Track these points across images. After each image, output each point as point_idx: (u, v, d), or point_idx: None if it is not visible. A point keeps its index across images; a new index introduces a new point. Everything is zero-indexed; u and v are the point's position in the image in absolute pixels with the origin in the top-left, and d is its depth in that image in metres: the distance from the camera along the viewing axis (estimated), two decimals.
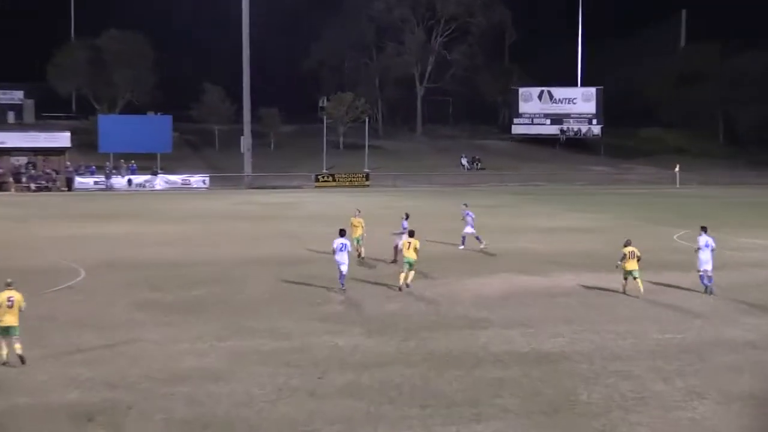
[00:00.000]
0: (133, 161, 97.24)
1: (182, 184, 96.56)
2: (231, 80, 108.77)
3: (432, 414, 20.19)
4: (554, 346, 26.27)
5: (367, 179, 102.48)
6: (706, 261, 34.58)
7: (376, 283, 36.60)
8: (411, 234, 36.38)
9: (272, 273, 38.83)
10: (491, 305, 32.26)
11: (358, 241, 42.90)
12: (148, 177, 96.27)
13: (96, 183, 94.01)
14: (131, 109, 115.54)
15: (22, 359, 23.71)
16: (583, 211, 69.50)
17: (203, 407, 20.48)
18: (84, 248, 47.23)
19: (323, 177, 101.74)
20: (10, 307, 24.07)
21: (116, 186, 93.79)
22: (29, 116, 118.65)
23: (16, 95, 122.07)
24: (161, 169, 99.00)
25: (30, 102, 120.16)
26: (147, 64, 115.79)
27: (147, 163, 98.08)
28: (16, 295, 24.34)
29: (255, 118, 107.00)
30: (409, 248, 35.43)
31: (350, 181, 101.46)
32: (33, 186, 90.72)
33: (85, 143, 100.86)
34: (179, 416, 19.84)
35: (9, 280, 24.78)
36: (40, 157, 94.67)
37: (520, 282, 37.24)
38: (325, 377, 22.92)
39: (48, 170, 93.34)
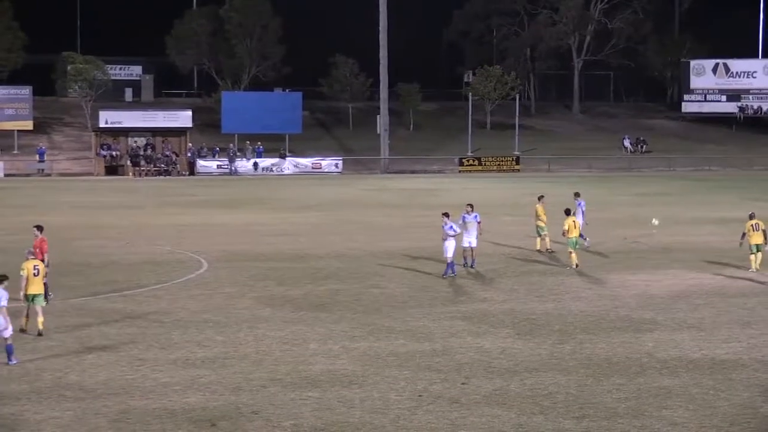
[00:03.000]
0: (259, 143, 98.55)
1: (312, 168, 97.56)
2: (365, 53, 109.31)
3: (589, 426, 20.01)
4: (729, 352, 25.77)
5: (517, 163, 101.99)
6: None
7: (525, 278, 36.46)
8: (567, 213, 39.75)
9: (410, 267, 38.99)
10: (658, 305, 31.82)
11: (540, 231, 43.39)
12: (275, 160, 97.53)
13: (219, 167, 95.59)
14: (257, 85, 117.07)
15: (40, 332, 26.93)
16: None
17: (335, 414, 20.70)
18: (206, 238, 48.22)
19: (468, 160, 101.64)
20: (36, 275, 27.09)
21: (241, 170, 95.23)
22: (148, 94, 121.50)
23: (134, 71, 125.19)
24: (290, 151, 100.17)
25: (149, 78, 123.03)
26: (273, 35, 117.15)
27: (274, 144, 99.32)
28: (41, 265, 27.57)
29: (392, 95, 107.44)
30: (574, 228, 38.75)
31: (498, 165, 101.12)
32: (152, 169, 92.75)
33: (208, 123, 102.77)
34: (308, 423, 20.10)
35: (30, 249, 28.42)
36: (159, 138, 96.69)
37: (692, 280, 36.65)
38: (470, 383, 22.92)
39: (168, 152, 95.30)
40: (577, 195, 46.42)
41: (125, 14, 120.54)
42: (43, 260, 30.01)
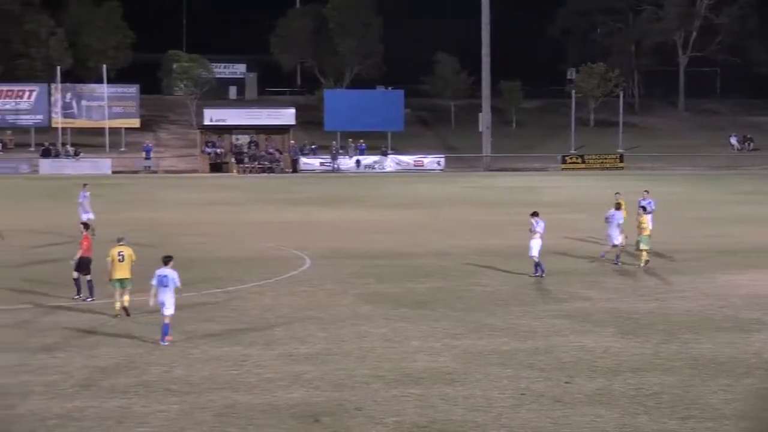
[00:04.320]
0: (361, 140, 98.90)
1: (414, 165, 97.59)
2: (467, 50, 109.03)
3: (695, 427, 19.76)
4: None
5: (620, 161, 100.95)
6: None
7: (629, 277, 36.11)
8: (644, 210, 40.11)
9: (511, 265, 38.83)
10: (765, 305, 31.32)
11: None
12: (377, 158, 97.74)
13: (322, 164, 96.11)
14: (359, 83, 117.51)
15: (126, 311, 28.96)
16: None
17: (437, 411, 20.70)
18: (308, 235, 48.55)
19: (571, 158, 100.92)
20: (121, 261, 28.96)
21: (343, 167, 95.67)
22: (251, 92, 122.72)
23: (238, 69, 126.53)
24: (392, 149, 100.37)
25: (252, 76, 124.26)
26: (375, 33, 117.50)
27: (376, 142, 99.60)
28: (126, 251, 29.23)
29: (494, 92, 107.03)
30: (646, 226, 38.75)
31: (601, 162, 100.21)
32: (255, 167, 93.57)
33: (310, 120, 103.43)
34: (411, 420, 20.13)
35: (120, 236, 30.03)
36: (262, 136, 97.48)
37: None
38: (573, 382, 22.78)
39: (271, 150, 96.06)
40: (646, 192, 45.87)
41: (230, 13, 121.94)
42: (84, 257, 31.17)
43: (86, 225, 33.12)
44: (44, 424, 19.69)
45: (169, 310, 26.16)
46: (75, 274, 31.59)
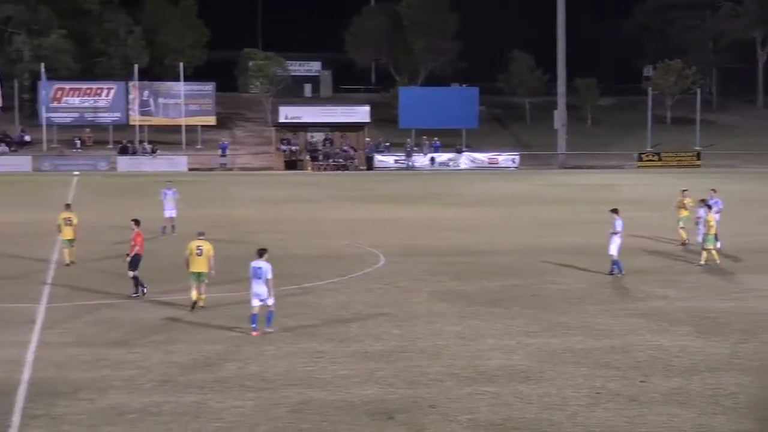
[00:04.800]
0: (435, 138, 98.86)
1: (489, 163, 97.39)
2: (542, 47, 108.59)
3: None
4: None
5: (698, 158, 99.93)
6: None
7: (706, 276, 35.77)
8: (709, 208, 39.79)
9: (586, 263, 38.62)
10: None
11: (682, 223, 43.34)
12: (452, 155, 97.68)
13: (396, 162, 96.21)
14: (433, 80, 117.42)
15: (198, 305, 29.69)
16: None
17: (511, 409, 20.68)
18: (383, 232, 48.66)
19: (647, 156, 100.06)
20: (200, 255, 29.51)
21: (418, 165, 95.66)
22: (326, 89, 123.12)
23: (313, 67, 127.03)
24: (466, 146, 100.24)
25: (327, 74, 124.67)
26: (449, 31, 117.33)
27: (450, 139, 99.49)
28: (205, 245, 29.76)
29: (569, 89, 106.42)
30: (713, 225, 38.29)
31: (678, 160, 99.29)
32: (330, 164, 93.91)
33: (384, 118, 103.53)
34: (485, 418, 20.13)
35: (201, 230, 30.71)
36: (337, 134, 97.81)
37: None
38: (648, 381, 22.63)
39: (346, 147, 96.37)
40: (713, 191, 45.30)
41: (305, 11, 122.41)
42: (137, 253, 31.65)
43: (137, 221, 33.23)
44: (123, 419, 19.96)
45: (269, 300, 26.90)
46: (130, 273, 31.91)
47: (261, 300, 26.88)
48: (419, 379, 22.75)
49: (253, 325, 26.90)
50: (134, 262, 31.88)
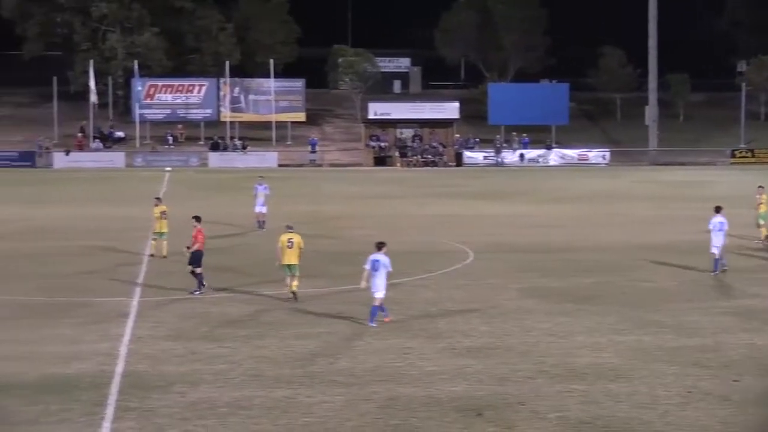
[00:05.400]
0: (524, 134, 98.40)
1: (579, 159, 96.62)
2: (633, 42, 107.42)
3: None
4: None
5: None
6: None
7: None
8: None
9: (677, 260, 38.18)
10: None
11: (762, 220, 42.91)
12: (541, 151, 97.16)
13: (485, 158, 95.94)
14: (523, 76, 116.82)
15: (294, 296, 30.42)
16: None
17: (601, 407, 20.52)
18: (471, 228, 48.58)
19: (740, 152, 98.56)
20: (290, 247, 30.29)
21: (507, 161, 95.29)
22: (415, 85, 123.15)
23: (403, 63, 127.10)
24: (556, 142, 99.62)
25: (416, 70, 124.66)
26: (539, 27, 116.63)
27: (540, 135, 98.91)
28: (295, 237, 30.50)
29: (661, 85, 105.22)
30: None
31: None
32: (419, 161, 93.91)
33: (474, 114, 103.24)
34: (574, 416, 20.00)
35: (289, 224, 31.37)
36: (426, 130, 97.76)
37: None
38: (742, 381, 22.31)
39: (435, 143, 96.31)
40: (761, 188, 44.35)
41: (394, 8, 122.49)
42: (199, 249, 31.73)
43: (198, 218, 33.28)
44: (214, 412, 20.16)
45: (379, 293, 27.40)
46: (194, 269, 32.04)
47: (380, 292, 27.50)
48: (508, 376, 22.67)
49: (383, 312, 27.72)
50: (196, 259, 32.01)
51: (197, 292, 31.75)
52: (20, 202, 60.29)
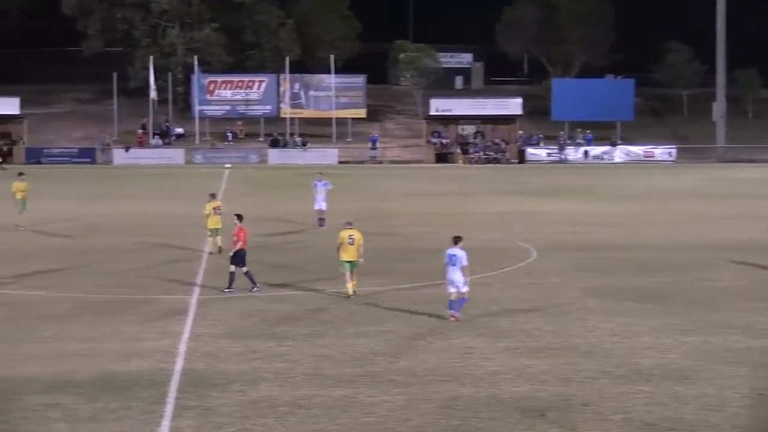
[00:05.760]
0: (588, 131, 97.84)
1: (644, 156, 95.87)
2: (700, 37, 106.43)
3: None
4: None
5: None
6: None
7: None
8: None
9: (744, 259, 37.81)
10: None
11: None
12: (606, 148, 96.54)
13: (549, 155, 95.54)
14: (587, 71, 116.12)
15: (353, 293, 30.61)
16: None
17: (667, 409, 20.33)
18: (534, 226, 48.42)
19: None
20: (351, 244, 30.36)
21: (571, 158, 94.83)
22: (477, 81, 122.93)
23: (465, 58, 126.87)
24: (621, 139, 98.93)
25: (479, 65, 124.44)
26: (604, 21, 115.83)
27: (604, 132, 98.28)
28: (356, 234, 30.54)
29: (729, 81, 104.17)
30: None
31: None
32: (481, 157, 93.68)
33: (537, 110, 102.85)
34: (640, 418, 19.82)
35: (349, 220, 31.38)
36: (488, 126, 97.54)
37: None
38: None
39: (497, 140, 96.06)
40: None
41: (456, 2, 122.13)
42: (242, 248, 31.56)
43: (240, 216, 33.24)
44: (274, 411, 20.20)
45: (454, 288, 27.51)
46: (232, 268, 31.95)
47: (456, 287, 27.47)
48: (572, 377, 22.53)
49: (451, 311, 27.66)
50: (238, 258, 31.90)
51: (255, 289, 31.84)
52: (80, 199, 60.92)
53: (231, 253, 32.36)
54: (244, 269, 31.92)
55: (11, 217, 46.30)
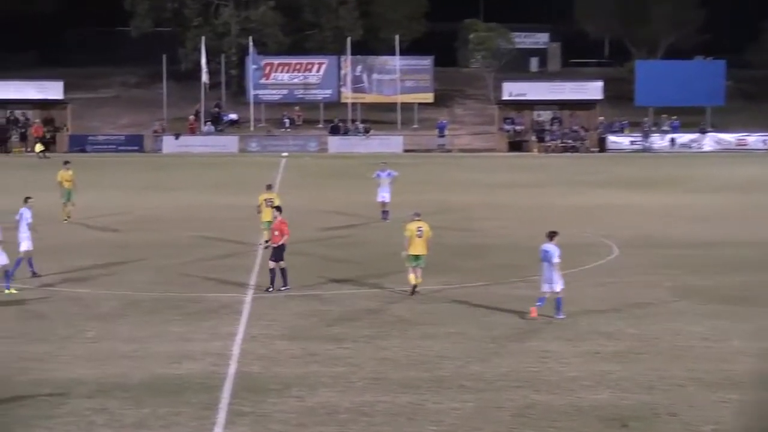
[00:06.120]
0: (675, 117, 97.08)
1: (737, 144, 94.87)
2: None
3: None
4: None
5: None
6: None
7: None
8: None
9: None
10: None
11: None
12: (694, 136, 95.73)
13: (632, 142, 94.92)
14: (674, 53, 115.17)
15: (415, 290, 30.92)
16: None
17: (762, 419, 20.15)
18: (616, 220, 48.22)
19: None
20: (420, 236, 30.64)
21: (656, 146, 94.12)
22: (554, 63, 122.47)
23: (540, 39, 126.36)
24: (711, 126, 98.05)
25: (555, 46, 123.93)
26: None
27: (693, 118, 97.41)
28: (425, 226, 30.90)
29: None
30: None
31: None
32: (558, 145, 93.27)
33: (618, 95, 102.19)
34: (731, 429, 19.67)
35: (417, 212, 31.63)
36: (566, 112, 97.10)
37: None
38: None
39: (575, 127, 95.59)
40: None
41: None
42: (283, 244, 31.37)
43: (279, 208, 33.26)
44: (334, 419, 20.25)
45: (547, 286, 27.97)
46: (272, 264, 31.91)
47: (549, 285, 27.94)
48: (657, 384, 22.41)
49: (538, 303, 28.17)
50: (279, 253, 31.82)
51: (284, 288, 31.83)
52: (128, 190, 61.36)
53: (271, 247, 32.36)
54: (283, 264, 31.86)
55: (55, 209, 46.69)
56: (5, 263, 31.43)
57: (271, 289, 31.82)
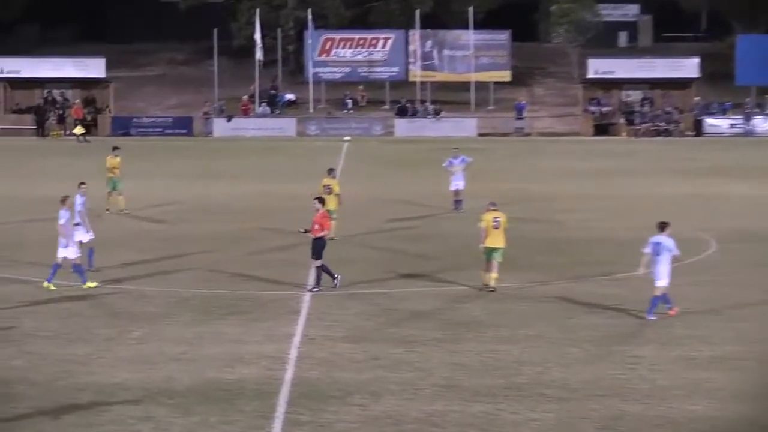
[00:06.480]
0: None
1: None
2: None
3: None
4: None
5: None
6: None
7: None
8: None
9: None
10: None
11: None
12: None
13: (732, 126, 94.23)
14: None
15: (491, 287, 31.13)
16: None
17: None
18: (713, 212, 48.02)
19: None
20: (497, 227, 30.84)
21: (759, 130, 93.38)
22: (645, 38, 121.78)
23: (630, 11, 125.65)
24: None
25: (647, 19, 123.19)
26: None
27: None
28: (502, 217, 31.13)
29: None
30: None
31: None
32: (649, 129, 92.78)
33: (717, 73, 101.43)
34: None
35: (493, 201, 31.87)
36: (658, 92, 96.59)
37: None
38: None
39: (668, 108, 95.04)
40: None
41: None
42: (322, 239, 31.27)
43: (321, 200, 33.12)
44: (401, 429, 20.28)
45: (662, 281, 28.06)
46: (318, 262, 31.78)
47: (663, 280, 28.04)
48: (759, 394, 22.27)
49: (668, 305, 28.35)
50: (318, 249, 31.67)
51: (315, 289, 31.71)
52: (175, 177, 61.77)
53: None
54: (319, 262, 31.80)
55: (98, 199, 46.85)
56: (76, 255, 31.87)
57: (336, 284, 31.81)
